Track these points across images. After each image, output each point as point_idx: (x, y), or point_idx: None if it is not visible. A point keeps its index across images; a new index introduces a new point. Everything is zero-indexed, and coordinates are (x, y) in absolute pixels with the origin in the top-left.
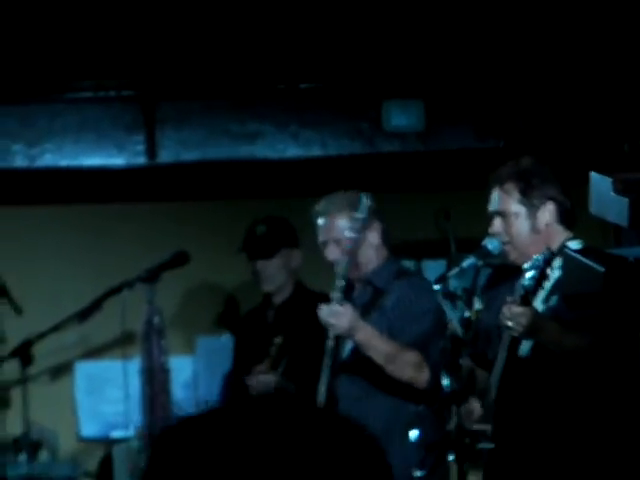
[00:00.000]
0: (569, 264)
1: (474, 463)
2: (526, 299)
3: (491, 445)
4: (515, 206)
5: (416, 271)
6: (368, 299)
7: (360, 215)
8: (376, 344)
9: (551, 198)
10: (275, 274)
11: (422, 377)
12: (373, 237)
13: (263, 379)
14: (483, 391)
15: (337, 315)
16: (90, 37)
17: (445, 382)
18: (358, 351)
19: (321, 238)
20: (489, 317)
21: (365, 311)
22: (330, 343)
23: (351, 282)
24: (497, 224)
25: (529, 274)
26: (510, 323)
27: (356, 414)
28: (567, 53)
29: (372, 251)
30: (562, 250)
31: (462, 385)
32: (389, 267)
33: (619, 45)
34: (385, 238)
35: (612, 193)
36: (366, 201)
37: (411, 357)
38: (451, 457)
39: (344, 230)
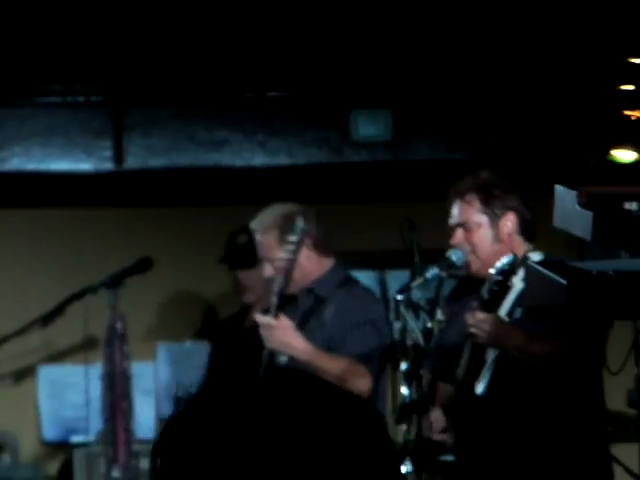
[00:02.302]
0: (532, 276)
1: (432, 474)
2: (490, 305)
3: (452, 457)
4: (477, 216)
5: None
6: (308, 307)
7: (292, 238)
8: (316, 360)
9: (512, 208)
10: (256, 284)
11: (363, 386)
12: (306, 254)
13: None
14: (445, 403)
15: (270, 329)
16: (60, 42)
17: (405, 392)
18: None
19: (259, 255)
20: (453, 331)
21: (304, 319)
22: (265, 353)
23: (286, 297)
24: (459, 235)
25: (493, 280)
26: (474, 330)
27: None
28: (535, 67)
29: (307, 266)
30: (524, 261)
31: (423, 395)
32: (333, 276)
33: (586, 61)
34: (323, 249)
35: (577, 207)
36: (299, 223)
37: (352, 368)
38: (409, 467)
39: (274, 248)
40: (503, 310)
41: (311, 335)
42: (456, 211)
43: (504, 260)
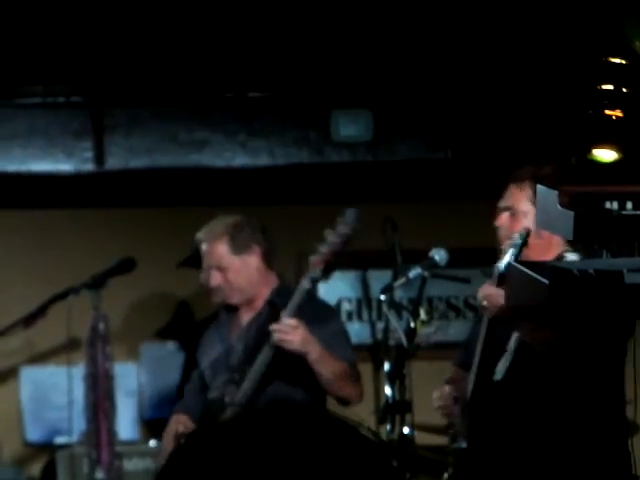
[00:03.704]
0: (514, 275)
1: (415, 472)
2: (503, 280)
3: (464, 444)
4: (526, 205)
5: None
6: (267, 320)
7: (342, 229)
8: (327, 360)
9: None
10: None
11: (358, 393)
12: (257, 265)
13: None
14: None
15: (295, 328)
16: (40, 42)
17: (389, 392)
18: (276, 361)
19: (204, 265)
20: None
21: (267, 333)
22: (268, 355)
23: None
24: (504, 218)
25: (507, 254)
26: (484, 302)
27: None
28: (516, 66)
29: (256, 276)
30: (560, 259)
31: (406, 395)
32: (285, 289)
33: (566, 60)
34: (268, 262)
35: (558, 206)
36: (350, 214)
37: (353, 373)
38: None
39: (224, 256)
40: None
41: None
42: (507, 194)
43: (516, 235)
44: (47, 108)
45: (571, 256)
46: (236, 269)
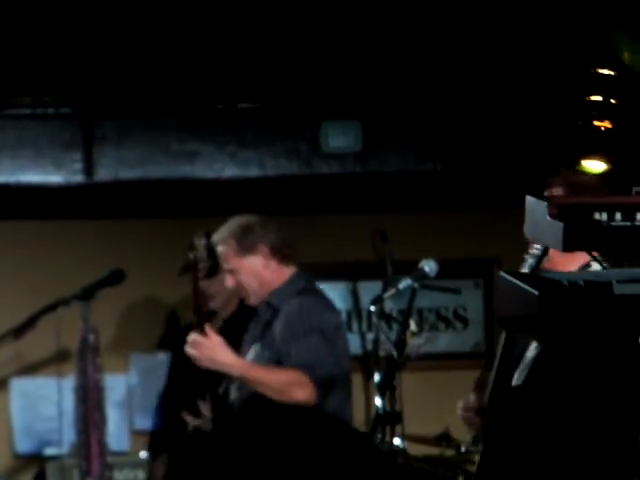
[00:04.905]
0: (502, 286)
1: None
2: None
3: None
4: None
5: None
6: (267, 319)
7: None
8: (255, 374)
9: None
10: (220, 291)
11: (305, 395)
12: (263, 263)
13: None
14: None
15: (197, 346)
16: (29, 54)
17: (379, 403)
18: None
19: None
20: None
21: (263, 332)
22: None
23: (208, 314)
24: None
25: (527, 264)
26: None
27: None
28: (505, 78)
29: (266, 275)
30: (584, 268)
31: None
32: (291, 285)
33: (555, 72)
34: (282, 258)
35: (547, 217)
36: (191, 255)
37: (293, 379)
38: None
39: (231, 259)
40: None
41: (268, 347)
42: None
43: (536, 250)
44: (36, 119)
45: (596, 266)
46: (245, 271)
